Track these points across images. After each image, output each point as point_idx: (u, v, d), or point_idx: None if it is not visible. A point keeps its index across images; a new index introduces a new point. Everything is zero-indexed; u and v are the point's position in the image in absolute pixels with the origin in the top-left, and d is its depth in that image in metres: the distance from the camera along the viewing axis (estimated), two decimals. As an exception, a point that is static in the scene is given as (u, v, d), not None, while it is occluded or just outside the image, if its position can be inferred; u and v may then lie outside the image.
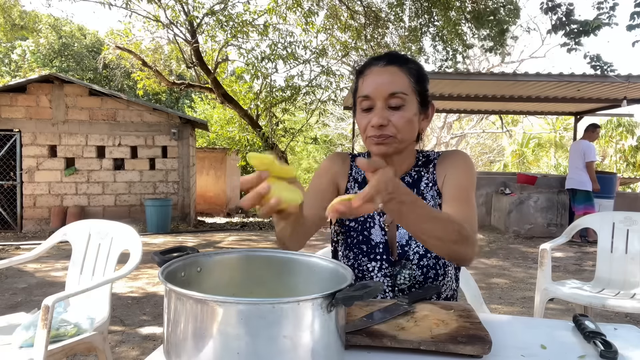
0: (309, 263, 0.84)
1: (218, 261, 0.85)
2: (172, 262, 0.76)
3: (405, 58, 1.14)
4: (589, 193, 6.33)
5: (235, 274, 0.87)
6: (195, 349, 0.60)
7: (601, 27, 5.79)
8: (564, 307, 3.77)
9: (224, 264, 0.86)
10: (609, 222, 2.65)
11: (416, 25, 10.01)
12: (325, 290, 0.63)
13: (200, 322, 0.60)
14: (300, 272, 0.85)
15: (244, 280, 0.86)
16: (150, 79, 10.99)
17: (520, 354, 0.75)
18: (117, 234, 2.11)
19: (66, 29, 18.97)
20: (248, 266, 0.87)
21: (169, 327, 0.65)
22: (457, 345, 0.72)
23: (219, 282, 0.85)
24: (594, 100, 8.37)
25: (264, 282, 0.86)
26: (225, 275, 0.85)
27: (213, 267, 0.84)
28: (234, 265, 0.87)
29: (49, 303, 1.58)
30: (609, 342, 0.76)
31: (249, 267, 0.87)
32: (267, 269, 0.86)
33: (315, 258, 0.84)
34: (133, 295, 4.16)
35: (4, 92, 8.26)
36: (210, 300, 0.59)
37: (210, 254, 0.84)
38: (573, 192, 6.50)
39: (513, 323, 0.91)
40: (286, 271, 0.86)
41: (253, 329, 0.58)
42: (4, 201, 8.46)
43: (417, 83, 1.12)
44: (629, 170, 17.43)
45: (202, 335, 0.60)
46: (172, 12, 9.61)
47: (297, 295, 0.62)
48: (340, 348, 0.66)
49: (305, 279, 0.84)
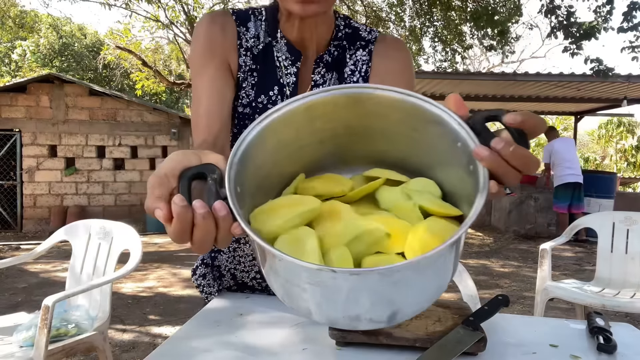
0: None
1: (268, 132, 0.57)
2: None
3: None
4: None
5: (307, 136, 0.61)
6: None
7: (600, 31, 5.81)
8: (564, 307, 3.77)
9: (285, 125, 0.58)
10: (609, 222, 2.65)
11: (416, 25, 10.03)
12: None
13: (322, 290, 0.48)
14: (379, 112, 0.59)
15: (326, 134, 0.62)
16: (149, 79, 11.00)
17: (518, 352, 0.75)
18: (117, 234, 2.12)
19: (66, 29, 18.99)
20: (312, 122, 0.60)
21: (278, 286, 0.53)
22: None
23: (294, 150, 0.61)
24: (594, 100, 8.38)
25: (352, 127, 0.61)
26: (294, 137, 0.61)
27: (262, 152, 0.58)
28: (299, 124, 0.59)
29: (49, 303, 1.59)
30: (610, 338, 0.77)
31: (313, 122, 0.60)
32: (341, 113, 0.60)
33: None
34: (133, 295, 4.17)
35: (4, 92, 8.26)
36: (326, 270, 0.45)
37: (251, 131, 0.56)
38: (578, 187, 6.45)
39: (511, 321, 0.91)
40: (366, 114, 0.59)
41: (376, 291, 0.48)
42: (4, 201, 8.46)
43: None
44: (629, 170, 17.43)
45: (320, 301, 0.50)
46: (172, 12, 9.63)
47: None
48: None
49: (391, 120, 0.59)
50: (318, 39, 0.90)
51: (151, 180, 0.48)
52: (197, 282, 1.07)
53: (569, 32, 5.89)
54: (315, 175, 0.66)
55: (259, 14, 0.92)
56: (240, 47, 0.89)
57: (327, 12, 0.87)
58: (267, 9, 0.92)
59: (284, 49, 0.90)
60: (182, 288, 4.41)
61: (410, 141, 0.61)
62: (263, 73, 0.90)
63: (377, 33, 0.95)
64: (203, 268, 1.06)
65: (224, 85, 0.85)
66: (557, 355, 0.75)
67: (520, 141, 0.49)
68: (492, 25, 6.91)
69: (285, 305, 0.56)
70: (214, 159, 0.51)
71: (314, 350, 0.74)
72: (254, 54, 0.90)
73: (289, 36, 0.90)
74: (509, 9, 7.92)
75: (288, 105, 0.57)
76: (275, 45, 0.91)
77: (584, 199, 6.44)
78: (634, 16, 5.63)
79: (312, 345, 0.75)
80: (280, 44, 0.90)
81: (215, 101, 0.81)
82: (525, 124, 0.48)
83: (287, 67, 0.90)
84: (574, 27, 5.88)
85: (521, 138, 0.49)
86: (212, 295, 1.06)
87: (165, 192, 0.47)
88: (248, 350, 0.73)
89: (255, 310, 0.93)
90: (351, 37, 0.93)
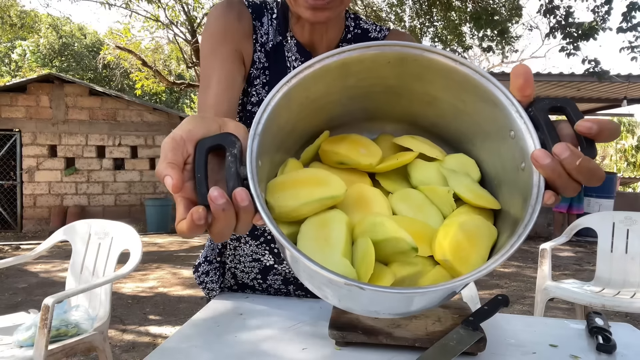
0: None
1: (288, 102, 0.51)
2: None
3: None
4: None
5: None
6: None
7: (598, 32, 5.82)
8: (564, 307, 3.77)
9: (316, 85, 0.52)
10: (609, 222, 2.65)
11: (416, 25, 10.03)
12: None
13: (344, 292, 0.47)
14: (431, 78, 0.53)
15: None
16: (149, 79, 11.00)
17: (517, 352, 0.75)
18: (117, 234, 2.12)
19: (66, 29, 18.99)
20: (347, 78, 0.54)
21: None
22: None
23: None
24: (594, 100, 8.38)
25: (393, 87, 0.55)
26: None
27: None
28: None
29: (49, 303, 1.59)
30: (609, 337, 0.77)
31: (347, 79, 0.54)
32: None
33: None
34: (133, 295, 4.17)
35: (4, 92, 8.26)
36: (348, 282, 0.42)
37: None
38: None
39: (511, 321, 0.91)
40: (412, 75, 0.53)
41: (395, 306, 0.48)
42: (4, 201, 8.46)
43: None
44: (629, 170, 17.43)
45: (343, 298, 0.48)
46: (172, 12, 9.63)
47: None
48: None
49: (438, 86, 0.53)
50: (328, 41, 0.90)
51: (166, 143, 0.43)
52: (199, 279, 1.07)
53: (567, 32, 5.89)
54: (341, 131, 0.61)
55: (272, 11, 0.90)
56: (256, 41, 0.88)
57: (338, 16, 0.86)
58: (279, 7, 0.91)
59: (294, 49, 0.90)
60: (182, 288, 4.41)
61: (455, 111, 0.55)
62: (274, 72, 0.90)
63: (386, 32, 0.94)
64: (206, 265, 1.06)
65: (235, 70, 0.81)
66: (557, 355, 0.75)
67: (587, 149, 0.42)
68: (492, 25, 6.92)
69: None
70: (234, 128, 0.47)
71: (314, 350, 0.73)
72: (266, 50, 0.89)
73: (299, 38, 0.90)
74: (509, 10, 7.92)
75: (321, 61, 0.50)
76: (285, 44, 0.90)
77: (584, 200, 6.45)
78: (633, 16, 5.64)
79: (312, 345, 0.75)
80: (291, 44, 0.90)
81: (224, 86, 0.78)
82: (600, 136, 0.41)
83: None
84: (573, 27, 5.89)
85: (589, 145, 0.43)
86: (214, 292, 1.06)
87: (179, 158, 0.43)
88: (248, 350, 0.73)
89: (255, 310, 0.93)
90: (360, 38, 0.93)
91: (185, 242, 7.24)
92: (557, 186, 0.42)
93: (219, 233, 0.43)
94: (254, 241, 0.99)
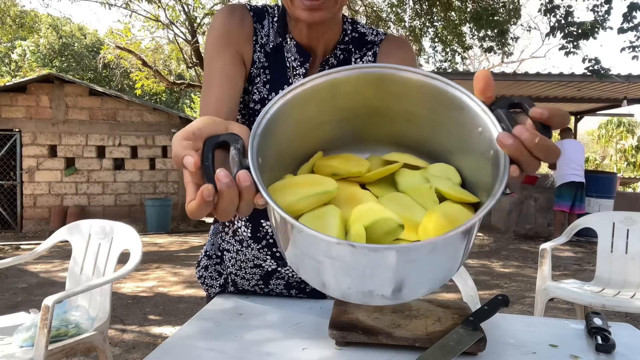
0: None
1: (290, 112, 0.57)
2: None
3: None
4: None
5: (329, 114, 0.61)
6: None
7: (598, 31, 5.82)
8: (564, 307, 3.77)
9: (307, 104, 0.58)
10: (609, 222, 2.65)
11: (416, 25, 10.04)
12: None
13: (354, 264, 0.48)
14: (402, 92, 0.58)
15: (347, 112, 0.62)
16: (149, 78, 11.00)
17: (517, 352, 0.75)
18: (117, 234, 2.12)
19: (66, 29, 18.99)
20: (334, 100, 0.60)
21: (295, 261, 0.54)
22: (453, 344, 0.72)
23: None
24: (594, 100, 8.39)
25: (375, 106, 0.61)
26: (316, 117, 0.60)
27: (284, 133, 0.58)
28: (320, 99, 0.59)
29: (49, 303, 1.59)
30: (608, 337, 0.77)
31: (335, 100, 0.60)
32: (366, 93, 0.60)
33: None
34: (133, 295, 4.17)
35: (4, 92, 8.27)
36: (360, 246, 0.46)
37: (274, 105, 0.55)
38: (581, 187, 6.43)
39: (511, 321, 0.91)
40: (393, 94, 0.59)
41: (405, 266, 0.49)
42: (4, 201, 8.46)
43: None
44: (629, 170, 17.44)
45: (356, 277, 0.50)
46: (172, 12, 9.63)
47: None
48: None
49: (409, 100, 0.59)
50: (325, 43, 0.92)
51: (179, 135, 0.48)
52: (199, 273, 1.07)
53: (567, 31, 5.90)
54: (333, 153, 0.67)
55: (273, 15, 0.94)
56: (256, 43, 0.92)
57: (334, 18, 0.89)
58: (279, 10, 0.95)
59: (294, 49, 0.92)
60: (182, 288, 4.41)
61: (430, 124, 0.61)
62: (274, 71, 0.93)
63: (383, 36, 0.96)
64: (205, 260, 1.07)
65: (236, 73, 0.85)
66: (557, 355, 0.75)
67: (543, 131, 0.49)
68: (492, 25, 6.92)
69: (299, 276, 0.56)
70: (238, 129, 0.52)
71: (314, 350, 0.74)
72: (266, 51, 0.92)
73: (298, 39, 0.92)
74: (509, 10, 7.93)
75: (312, 80, 0.56)
76: (285, 45, 0.93)
77: (585, 200, 6.44)
78: (634, 16, 5.64)
79: (312, 345, 0.75)
80: (290, 45, 0.93)
81: (226, 89, 0.82)
82: (551, 120, 0.49)
83: (296, 68, 0.92)
84: (573, 26, 5.89)
85: (545, 129, 0.49)
86: (213, 289, 1.06)
87: (193, 146, 0.48)
88: (248, 351, 0.73)
89: (256, 310, 0.93)
90: (357, 41, 0.95)
91: (185, 242, 7.24)
92: (520, 162, 0.49)
93: (224, 210, 0.47)
94: (255, 244, 0.99)
